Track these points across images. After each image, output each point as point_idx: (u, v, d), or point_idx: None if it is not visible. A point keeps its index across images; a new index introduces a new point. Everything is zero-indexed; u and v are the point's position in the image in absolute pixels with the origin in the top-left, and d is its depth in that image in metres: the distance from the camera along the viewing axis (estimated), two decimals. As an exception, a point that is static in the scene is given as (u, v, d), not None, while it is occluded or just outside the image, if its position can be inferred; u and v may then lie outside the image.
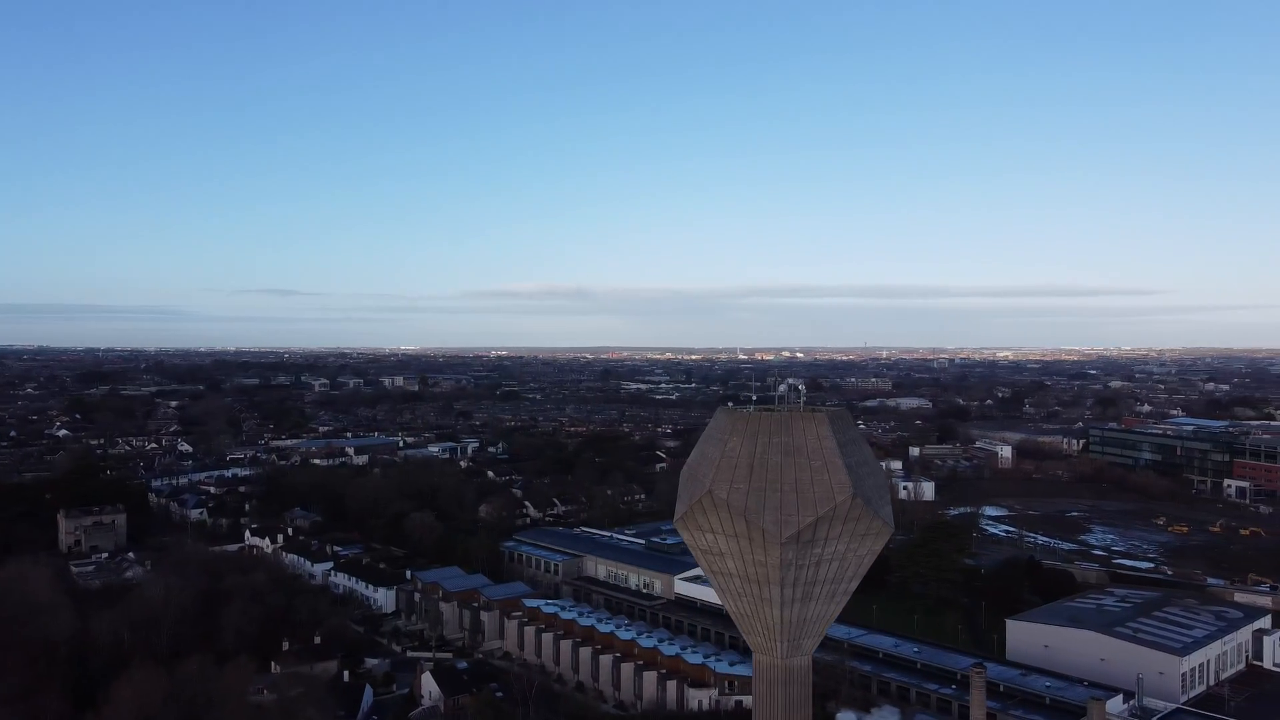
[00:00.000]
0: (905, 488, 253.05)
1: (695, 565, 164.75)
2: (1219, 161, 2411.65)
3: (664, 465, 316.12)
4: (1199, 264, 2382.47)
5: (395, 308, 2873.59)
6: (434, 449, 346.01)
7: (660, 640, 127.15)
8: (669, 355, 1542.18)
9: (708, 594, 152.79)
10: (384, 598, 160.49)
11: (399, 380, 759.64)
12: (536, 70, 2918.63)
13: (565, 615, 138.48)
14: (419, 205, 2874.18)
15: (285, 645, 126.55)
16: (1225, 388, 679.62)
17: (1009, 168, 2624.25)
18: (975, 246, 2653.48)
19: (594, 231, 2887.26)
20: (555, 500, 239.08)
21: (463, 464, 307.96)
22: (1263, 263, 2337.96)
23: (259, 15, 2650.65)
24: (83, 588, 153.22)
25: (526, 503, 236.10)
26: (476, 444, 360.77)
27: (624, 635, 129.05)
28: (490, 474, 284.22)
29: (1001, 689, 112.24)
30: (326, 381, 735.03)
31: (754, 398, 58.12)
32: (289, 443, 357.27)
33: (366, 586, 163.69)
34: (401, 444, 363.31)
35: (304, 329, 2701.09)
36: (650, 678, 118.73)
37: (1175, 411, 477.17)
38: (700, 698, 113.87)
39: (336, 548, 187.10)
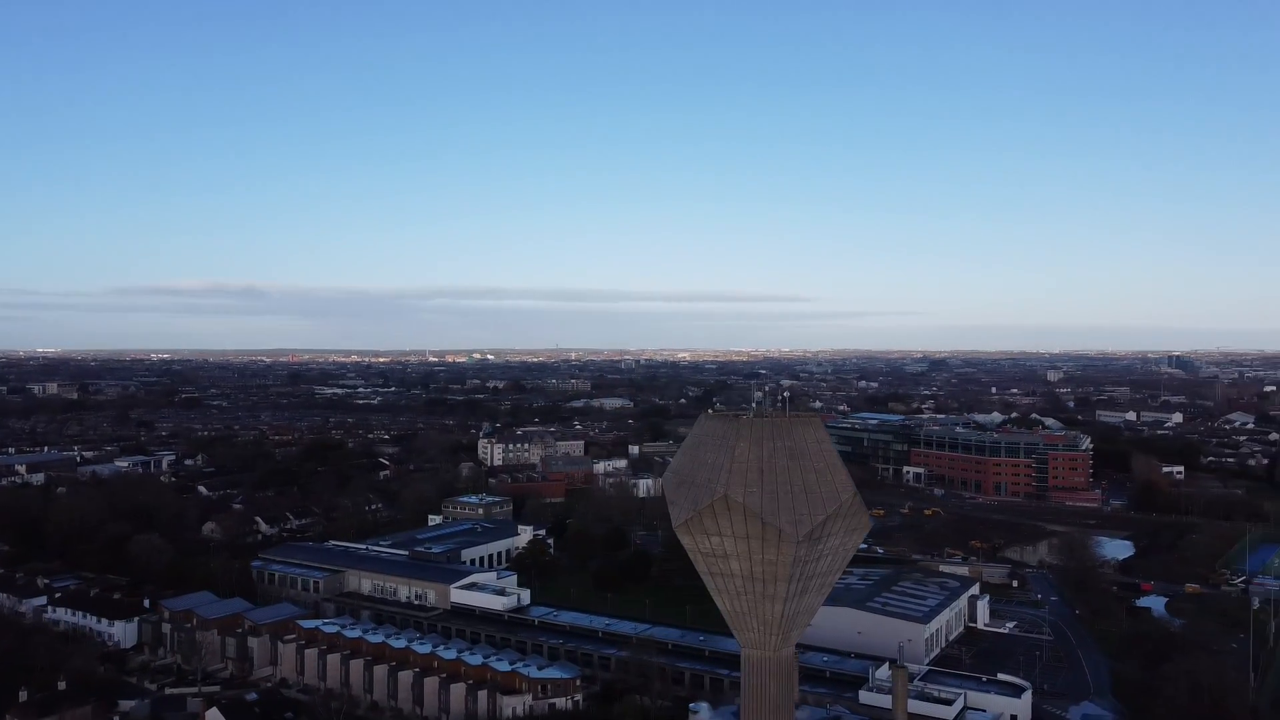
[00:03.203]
0: (640, 484, 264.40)
1: (469, 573, 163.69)
2: (853, 186, 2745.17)
3: (388, 473, 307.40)
4: (839, 275, 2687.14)
5: (23, 304, 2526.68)
6: (122, 463, 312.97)
7: (461, 651, 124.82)
8: (355, 358, 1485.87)
9: (486, 601, 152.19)
10: (123, 631, 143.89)
11: (52, 386, 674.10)
12: (201, 56, 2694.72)
13: (350, 634, 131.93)
14: (51, 190, 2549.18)
15: (23, 695, 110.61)
16: (875, 385, 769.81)
17: (676, 184, 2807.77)
18: (650, 253, 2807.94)
19: (265, 227, 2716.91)
20: (289, 515, 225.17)
21: (164, 479, 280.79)
22: (889, 275, 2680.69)
23: None
24: None
25: (257, 518, 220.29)
26: (173, 456, 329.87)
27: (420, 649, 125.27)
28: (202, 489, 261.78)
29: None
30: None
31: (753, 405, 60.63)
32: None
33: (99, 620, 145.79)
34: (80, 459, 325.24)
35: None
36: (458, 690, 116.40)
37: (843, 407, 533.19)
38: (514, 704, 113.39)
39: (45, 579, 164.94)
